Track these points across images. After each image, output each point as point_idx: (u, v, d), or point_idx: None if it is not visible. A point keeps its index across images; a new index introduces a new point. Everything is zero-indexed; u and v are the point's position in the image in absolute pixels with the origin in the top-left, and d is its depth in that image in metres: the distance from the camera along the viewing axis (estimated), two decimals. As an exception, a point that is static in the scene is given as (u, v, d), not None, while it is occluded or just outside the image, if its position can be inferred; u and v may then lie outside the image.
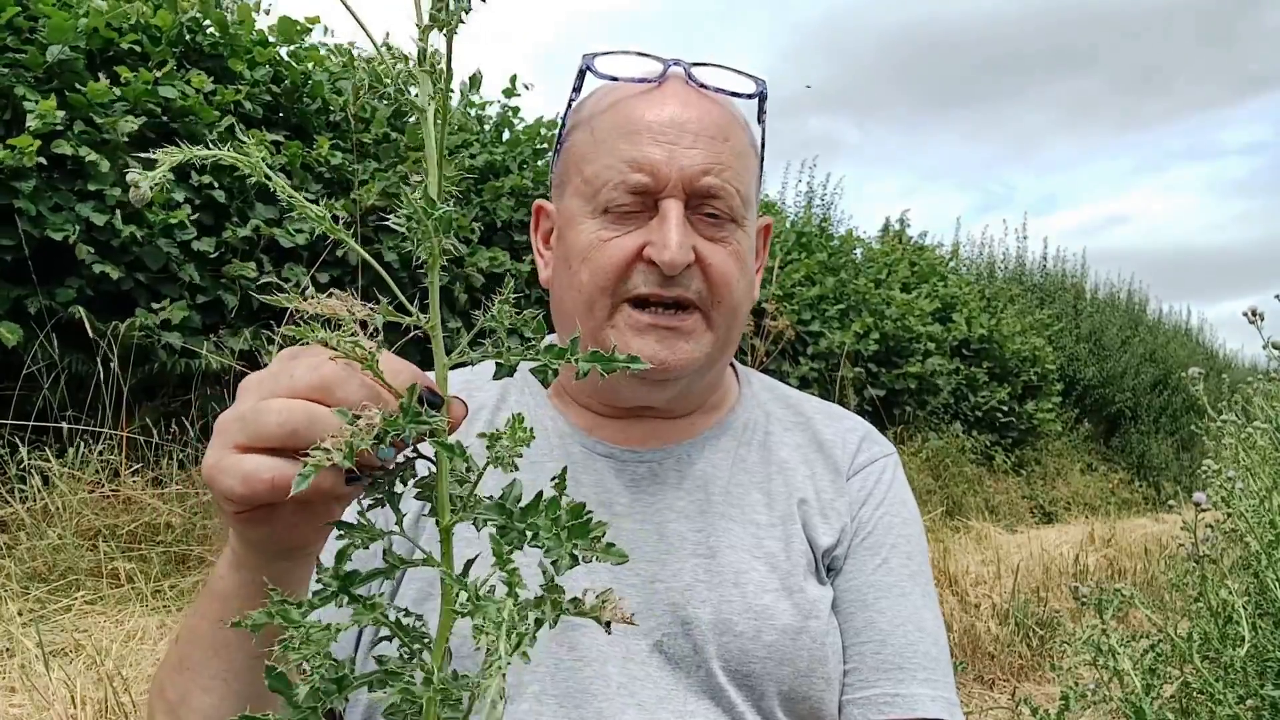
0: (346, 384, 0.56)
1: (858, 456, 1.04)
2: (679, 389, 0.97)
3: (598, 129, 0.95)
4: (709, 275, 0.92)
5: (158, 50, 4.32)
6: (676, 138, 0.91)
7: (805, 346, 7.33)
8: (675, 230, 0.89)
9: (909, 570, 0.99)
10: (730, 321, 0.96)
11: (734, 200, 0.93)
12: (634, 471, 0.98)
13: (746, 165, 0.96)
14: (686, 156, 0.91)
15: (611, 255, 0.91)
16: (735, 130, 0.96)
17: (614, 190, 0.91)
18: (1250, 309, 1.69)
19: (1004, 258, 14.13)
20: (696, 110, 0.93)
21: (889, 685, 0.93)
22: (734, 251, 0.94)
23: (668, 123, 0.92)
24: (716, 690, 0.89)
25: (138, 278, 3.99)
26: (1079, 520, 8.72)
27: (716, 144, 0.92)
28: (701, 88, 0.96)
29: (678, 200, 0.91)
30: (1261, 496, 1.72)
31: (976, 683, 3.86)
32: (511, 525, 0.48)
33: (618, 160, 0.91)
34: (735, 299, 0.95)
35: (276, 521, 0.61)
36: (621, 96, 0.96)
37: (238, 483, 0.57)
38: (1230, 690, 1.55)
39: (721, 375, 1.05)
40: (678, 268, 0.89)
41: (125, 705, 2.34)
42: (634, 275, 0.91)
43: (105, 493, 3.53)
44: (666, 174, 0.90)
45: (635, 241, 0.91)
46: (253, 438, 0.57)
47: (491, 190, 5.41)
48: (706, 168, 0.91)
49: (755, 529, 0.97)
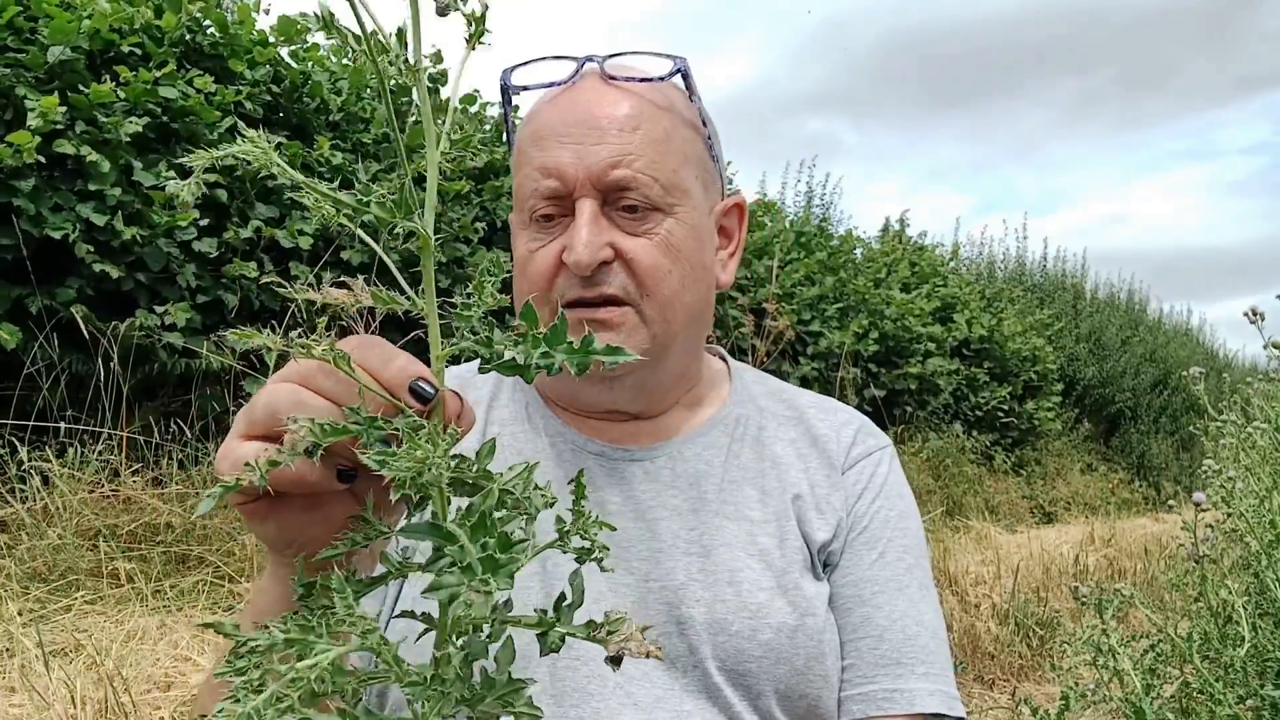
0: (334, 372, 0.55)
1: (853, 450, 1.03)
2: (631, 385, 0.96)
3: (520, 141, 0.96)
4: (632, 269, 0.91)
5: (159, 51, 4.32)
6: (582, 136, 0.90)
7: (805, 346, 7.33)
8: (583, 230, 0.88)
9: (906, 564, 0.98)
10: (666, 314, 0.92)
11: (651, 189, 0.90)
12: (626, 470, 0.97)
13: (667, 150, 0.92)
14: (592, 154, 0.89)
15: (538, 266, 0.92)
16: (649, 117, 0.92)
17: (531, 199, 0.92)
18: (1251, 309, 1.69)
19: (1004, 258, 14.14)
20: (602, 104, 0.92)
21: (887, 681, 0.93)
22: (660, 242, 0.91)
23: (573, 122, 0.91)
24: (713, 690, 0.89)
25: (138, 278, 3.99)
26: (1079, 520, 8.72)
27: (625, 135, 0.90)
28: (611, 80, 0.94)
29: (590, 199, 0.90)
30: (1261, 496, 1.72)
31: (976, 683, 3.86)
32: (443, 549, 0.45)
33: (532, 169, 0.92)
34: (667, 290, 0.92)
35: (282, 515, 0.59)
36: (537, 106, 0.96)
37: (228, 466, 0.56)
38: (1230, 690, 1.55)
39: (692, 368, 1.03)
40: (585, 268, 0.88)
41: (125, 705, 2.34)
42: (559, 282, 0.91)
43: (105, 493, 3.53)
44: (574, 174, 0.89)
45: (555, 249, 0.91)
46: (248, 424, 0.58)
47: (492, 190, 5.41)
48: (614, 161, 0.89)
49: (749, 526, 0.96)
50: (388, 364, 0.53)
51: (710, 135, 1.00)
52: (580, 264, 0.88)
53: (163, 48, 4.36)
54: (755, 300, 6.75)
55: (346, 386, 0.54)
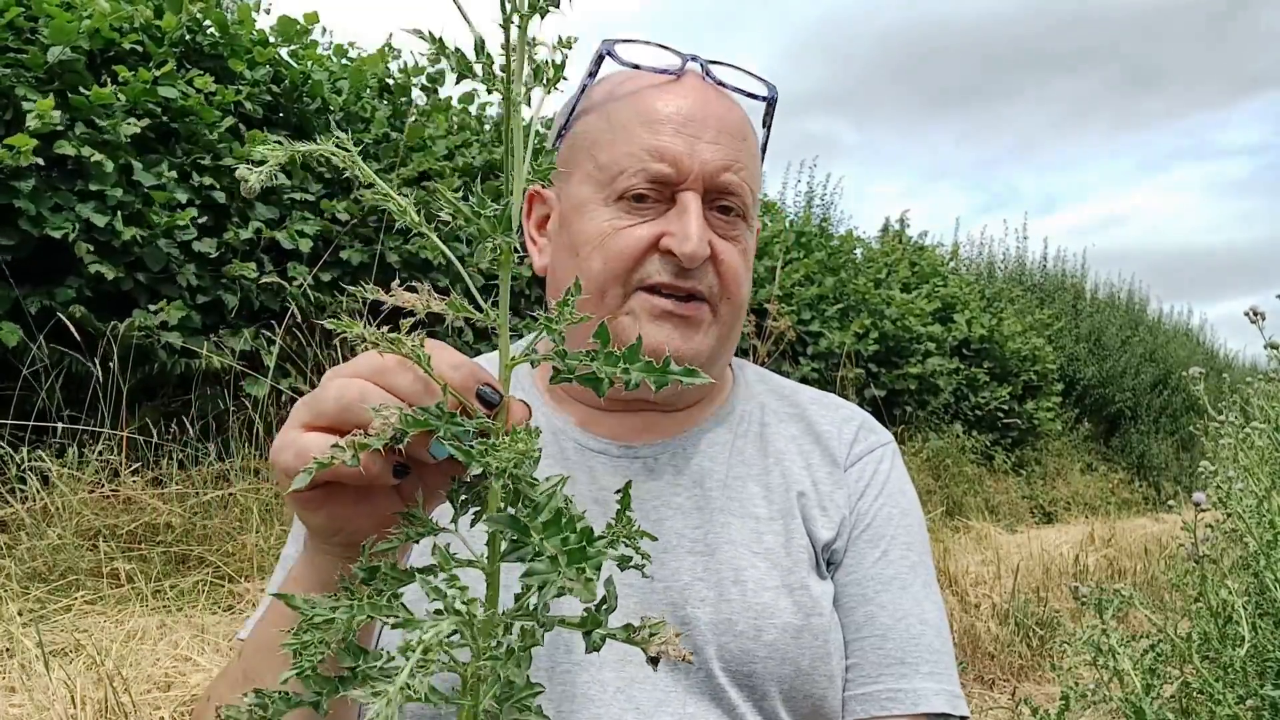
0: (400, 372, 0.57)
1: (855, 446, 1.03)
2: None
3: (614, 116, 0.94)
4: (721, 271, 0.93)
5: (159, 51, 4.32)
6: (698, 131, 0.91)
7: (805, 347, 7.33)
8: (696, 223, 0.89)
9: (909, 562, 0.98)
10: (735, 318, 0.97)
11: (747, 198, 0.95)
12: (629, 467, 0.96)
13: (758, 166, 0.98)
14: (708, 151, 0.91)
15: (626, 243, 0.90)
16: (750, 131, 0.97)
17: (633, 178, 0.91)
18: (1251, 308, 1.69)
19: (1004, 258, 14.14)
20: (716, 107, 0.94)
21: (892, 680, 0.92)
22: (743, 249, 0.96)
23: (689, 115, 0.92)
24: (716, 691, 0.88)
25: (138, 278, 3.99)
26: (1079, 520, 8.72)
27: (736, 142, 0.93)
28: (719, 85, 0.97)
29: (696, 193, 0.91)
30: (1261, 496, 1.72)
31: (976, 683, 3.86)
32: (523, 541, 0.47)
33: (638, 148, 0.91)
34: (743, 296, 0.96)
35: (334, 506, 0.61)
36: (640, 86, 0.95)
37: (292, 456, 0.58)
38: (1230, 690, 1.55)
39: (724, 370, 1.05)
40: (698, 260, 0.89)
41: (125, 705, 2.34)
42: (648, 264, 0.91)
43: (105, 493, 3.53)
44: (689, 166, 0.90)
45: (651, 231, 0.91)
46: (314, 415, 0.59)
47: (491, 190, 5.42)
48: (727, 164, 0.92)
49: (755, 523, 0.95)
50: (457, 368, 0.55)
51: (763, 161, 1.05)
52: (695, 256, 0.89)
53: (162, 47, 4.36)
54: (756, 300, 6.76)
55: (415, 386, 0.56)
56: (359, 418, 0.56)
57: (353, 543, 0.63)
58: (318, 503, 0.61)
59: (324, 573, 0.66)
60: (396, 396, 0.57)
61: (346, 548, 0.64)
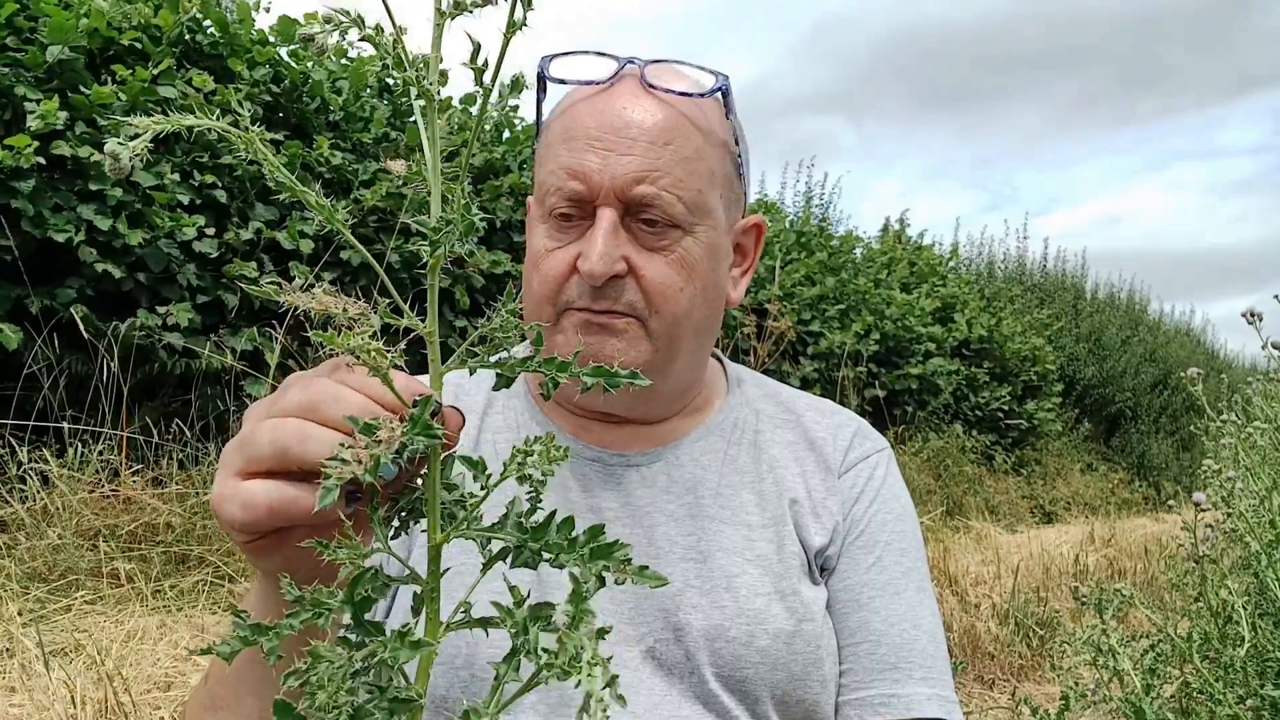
0: (337, 401, 0.55)
1: (849, 453, 1.03)
2: (630, 394, 0.94)
3: (548, 134, 0.95)
4: (644, 285, 0.90)
5: (158, 50, 4.32)
6: (613, 143, 0.89)
7: (805, 347, 7.33)
8: (600, 240, 0.87)
9: (903, 567, 0.98)
10: (673, 330, 0.92)
11: (674, 208, 0.89)
12: (622, 475, 0.97)
13: (695, 169, 0.91)
14: (620, 164, 0.88)
15: (552, 267, 0.91)
16: (682, 133, 0.91)
17: (554, 198, 0.90)
18: (1249, 310, 1.69)
19: (1004, 258, 14.13)
20: (638, 113, 0.90)
21: (885, 685, 0.92)
22: (676, 260, 0.91)
23: (606, 127, 0.89)
24: (709, 697, 0.88)
25: (138, 278, 3.99)
26: (1079, 520, 8.72)
27: (655, 149, 0.89)
28: (650, 88, 0.92)
29: (611, 208, 0.89)
30: (1261, 496, 1.72)
31: (976, 683, 3.86)
32: (525, 545, 0.47)
33: (558, 167, 0.90)
34: (676, 309, 0.91)
35: (287, 548, 0.59)
36: (572, 100, 0.94)
37: (238, 509, 0.56)
38: (1230, 690, 1.55)
39: (693, 382, 1.02)
40: (598, 279, 0.87)
41: (125, 705, 2.34)
42: (569, 287, 0.90)
43: (105, 493, 3.53)
44: (599, 182, 0.88)
45: (571, 254, 0.90)
46: (249, 461, 0.57)
47: (491, 190, 5.41)
48: (640, 175, 0.88)
49: (747, 530, 0.95)
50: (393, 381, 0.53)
51: (741, 153, 0.99)
52: (593, 275, 0.87)
53: (161, 46, 4.36)
54: (756, 300, 6.75)
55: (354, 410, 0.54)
56: (301, 458, 0.54)
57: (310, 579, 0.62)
58: (271, 548, 0.59)
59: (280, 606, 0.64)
60: (337, 429, 0.55)
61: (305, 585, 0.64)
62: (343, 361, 0.57)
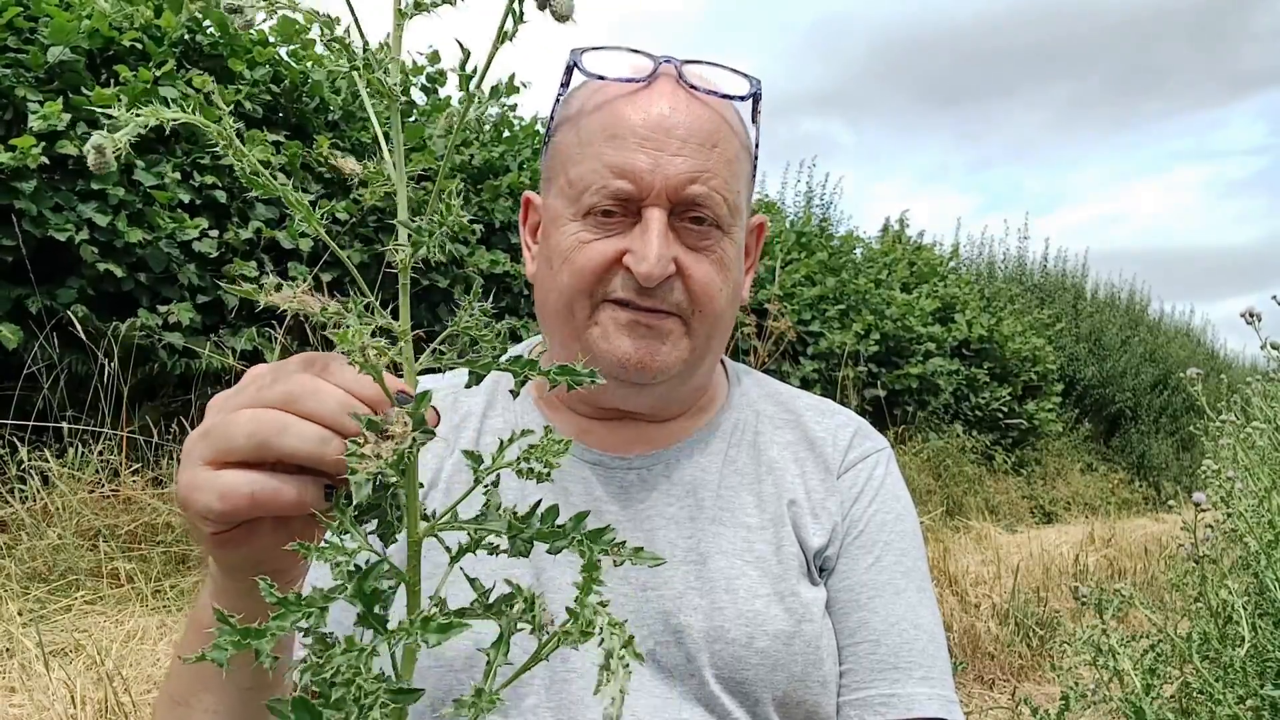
0: (316, 395, 0.55)
1: (849, 453, 1.03)
2: (659, 394, 0.96)
3: (583, 129, 0.93)
4: (690, 286, 0.90)
5: (159, 50, 4.32)
6: (662, 143, 0.88)
7: (806, 347, 7.33)
8: (656, 242, 0.87)
9: (903, 567, 0.98)
10: (711, 330, 0.94)
11: (720, 209, 0.90)
12: (622, 478, 0.97)
13: (736, 171, 0.93)
14: (672, 164, 0.88)
15: (591, 258, 0.89)
16: (725, 135, 0.92)
17: (596, 195, 0.89)
18: (1248, 310, 1.69)
19: (1004, 258, 14.14)
20: (685, 114, 0.90)
21: (885, 685, 0.92)
22: (717, 260, 0.92)
23: (654, 126, 0.89)
24: (710, 698, 0.88)
25: (138, 278, 3.99)
26: (1079, 520, 8.72)
27: (704, 151, 0.89)
28: (692, 89, 0.92)
29: (661, 209, 0.88)
30: (1261, 496, 1.72)
31: (976, 683, 3.86)
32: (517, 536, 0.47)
33: (601, 165, 0.89)
34: (717, 308, 0.93)
35: (255, 541, 0.59)
36: (609, 96, 0.92)
37: (215, 499, 0.55)
38: (1230, 690, 1.55)
39: (707, 381, 1.03)
40: (654, 280, 0.87)
41: (125, 705, 2.34)
42: (613, 279, 0.90)
43: (105, 493, 3.53)
44: (650, 182, 0.88)
45: (615, 246, 0.89)
46: (222, 452, 0.56)
47: (490, 190, 5.41)
48: (693, 176, 0.88)
49: (746, 532, 0.95)
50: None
51: (756, 157, 1.00)
52: (651, 276, 0.87)
53: (162, 47, 4.36)
54: (756, 300, 6.75)
55: (330, 407, 0.54)
56: (279, 450, 0.54)
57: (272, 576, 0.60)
58: (239, 540, 0.59)
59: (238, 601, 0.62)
60: (317, 422, 0.54)
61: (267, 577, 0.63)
62: (316, 357, 0.57)
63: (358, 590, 0.46)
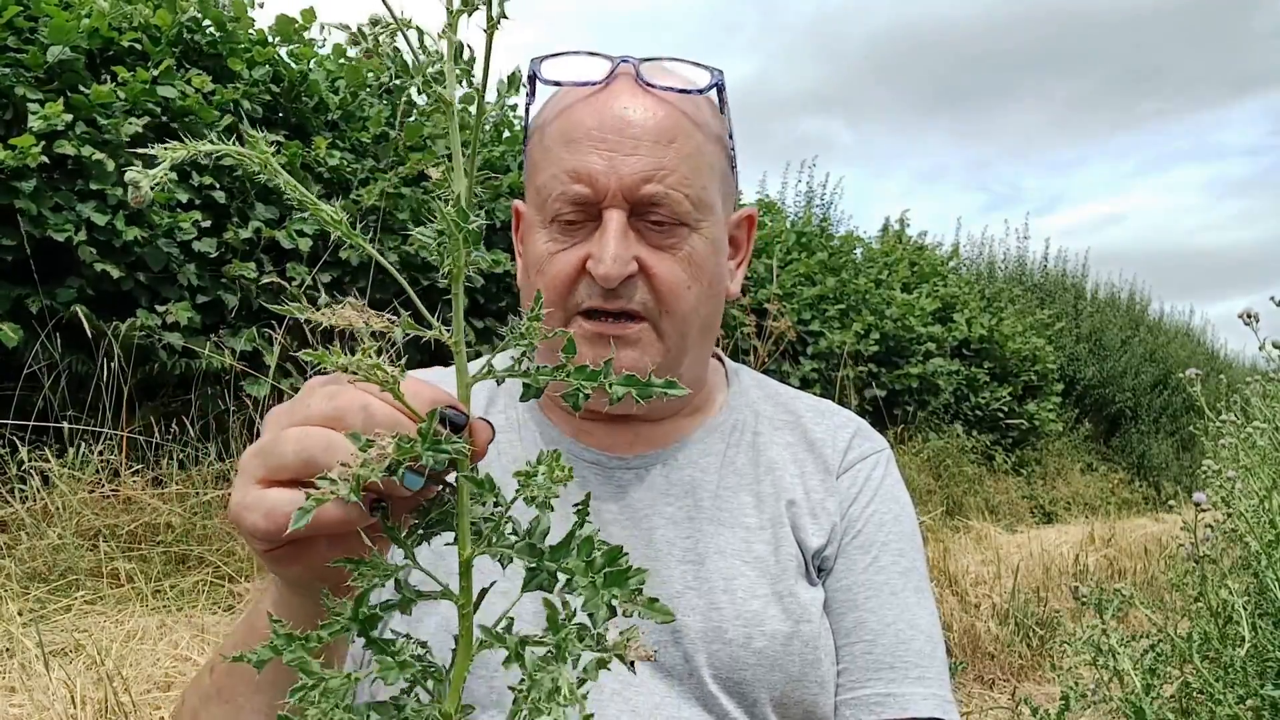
0: (364, 411, 0.54)
1: (848, 454, 1.03)
2: None
3: (546, 136, 0.93)
4: (654, 285, 0.90)
5: (157, 50, 4.32)
6: (616, 144, 0.88)
7: (806, 347, 7.33)
8: (612, 243, 0.87)
9: (900, 568, 0.98)
10: (683, 329, 0.93)
11: (681, 206, 0.90)
12: (621, 478, 0.97)
13: (698, 166, 0.91)
14: (626, 164, 0.87)
15: (558, 269, 0.90)
16: (684, 130, 0.91)
17: (557, 202, 0.89)
18: (1246, 311, 1.69)
19: (1004, 258, 14.14)
20: (640, 113, 0.90)
21: (881, 685, 0.92)
22: (684, 257, 0.91)
23: (609, 128, 0.89)
24: (708, 698, 0.88)
25: (138, 278, 3.99)
26: (1079, 520, 8.72)
27: (660, 148, 0.89)
28: (649, 87, 0.91)
29: (619, 210, 0.88)
30: (1261, 496, 1.72)
31: (976, 683, 3.86)
32: (542, 566, 0.46)
33: (560, 170, 0.89)
34: (685, 306, 0.92)
35: (311, 557, 0.58)
36: (568, 102, 0.93)
37: (260, 518, 0.55)
38: (1230, 690, 1.55)
39: (700, 379, 1.03)
40: (613, 281, 0.87)
41: (125, 705, 2.34)
42: (579, 289, 0.90)
43: (105, 493, 3.53)
44: (605, 184, 0.87)
45: (579, 255, 0.89)
46: (272, 470, 0.56)
47: (491, 190, 5.41)
48: (648, 175, 0.88)
49: (745, 533, 0.95)
50: (418, 394, 0.52)
51: (733, 148, 0.99)
52: (608, 278, 0.87)
53: (161, 46, 4.36)
54: (756, 300, 6.75)
55: (379, 421, 0.53)
56: (325, 467, 0.52)
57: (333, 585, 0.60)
58: (291, 557, 0.58)
59: (299, 613, 0.63)
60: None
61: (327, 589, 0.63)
62: None
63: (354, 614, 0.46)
